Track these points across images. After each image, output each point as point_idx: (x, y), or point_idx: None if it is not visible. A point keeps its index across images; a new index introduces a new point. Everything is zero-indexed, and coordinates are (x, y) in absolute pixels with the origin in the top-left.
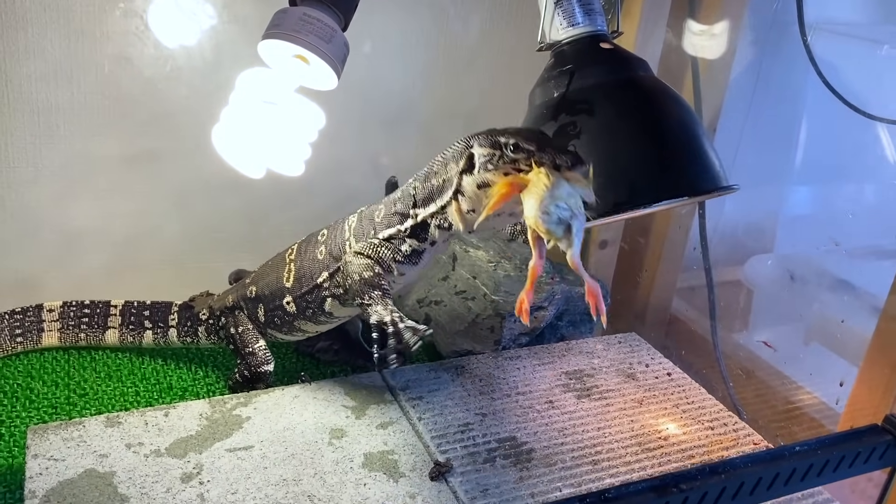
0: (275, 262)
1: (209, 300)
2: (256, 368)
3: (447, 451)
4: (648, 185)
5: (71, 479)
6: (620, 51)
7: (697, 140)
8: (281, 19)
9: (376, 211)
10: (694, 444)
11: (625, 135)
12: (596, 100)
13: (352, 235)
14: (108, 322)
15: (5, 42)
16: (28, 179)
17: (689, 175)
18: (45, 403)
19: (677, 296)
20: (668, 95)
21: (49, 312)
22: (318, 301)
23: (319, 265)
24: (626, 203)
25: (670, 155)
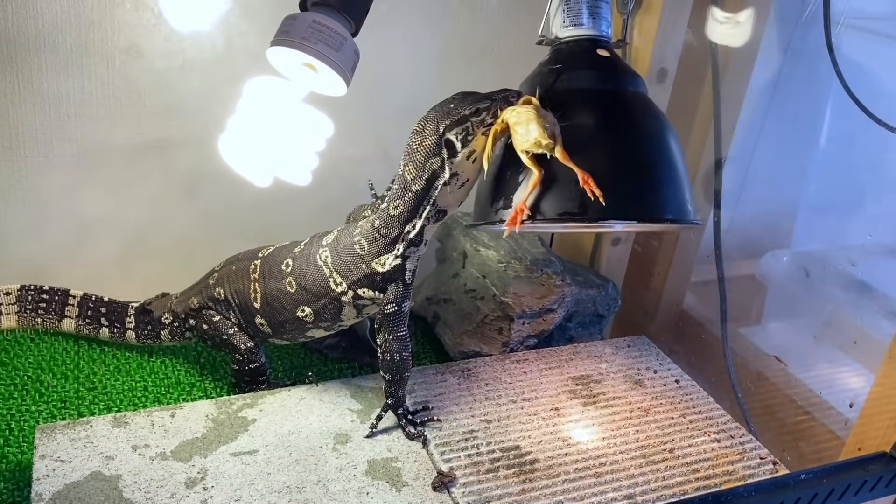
0: (239, 269)
1: (169, 302)
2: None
3: (451, 460)
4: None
5: (77, 482)
6: (616, 61)
7: (670, 166)
8: (290, 26)
9: (355, 245)
10: (699, 457)
11: (594, 145)
12: (573, 103)
13: (335, 272)
14: (65, 311)
15: (17, 33)
16: (40, 169)
17: (651, 199)
18: (54, 397)
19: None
20: (650, 116)
21: (6, 296)
22: (300, 329)
23: (292, 299)
24: (574, 214)
25: (636, 175)
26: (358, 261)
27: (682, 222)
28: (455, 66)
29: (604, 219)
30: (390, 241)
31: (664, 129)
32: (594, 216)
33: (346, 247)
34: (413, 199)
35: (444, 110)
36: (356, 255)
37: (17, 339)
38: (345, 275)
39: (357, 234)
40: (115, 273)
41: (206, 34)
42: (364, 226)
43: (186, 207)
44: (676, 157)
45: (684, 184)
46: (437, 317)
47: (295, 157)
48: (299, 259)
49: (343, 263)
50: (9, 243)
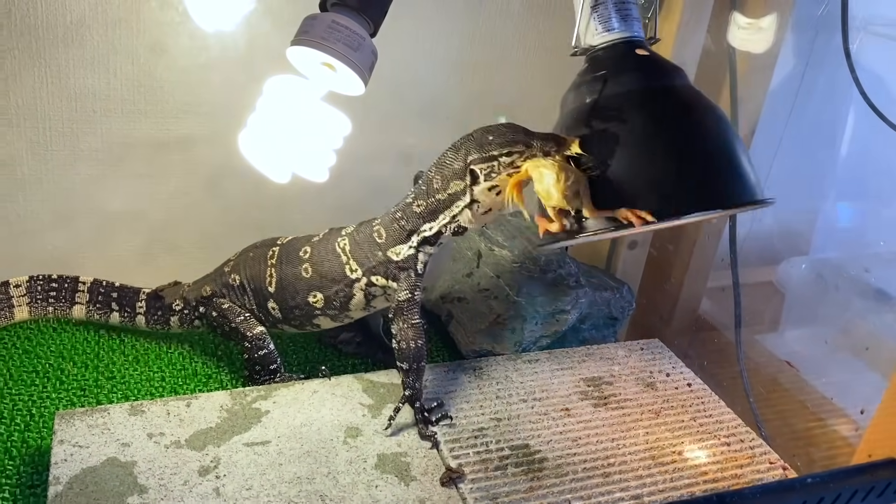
0: (256, 255)
1: (181, 290)
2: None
3: (460, 457)
4: (678, 195)
5: (93, 467)
6: (656, 58)
7: (732, 152)
8: (310, 26)
9: (373, 233)
10: (708, 460)
11: (657, 144)
12: (628, 108)
13: (352, 259)
14: (75, 298)
15: (46, 29)
16: (66, 163)
17: (721, 187)
18: (74, 385)
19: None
20: (703, 105)
21: (16, 288)
22: (308, 315)
23: (306, 284)
24: (654, 212)
25: (702, 166)
26: (375, 248)
27: (763, 203)
28: (476, 69)
29: (686, 213)
30: (406, 234)
31: (718, 115)
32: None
33: (364, 235)
34: (434, 204)
35: (482, 141)
36: (374, 242)
37: (39, 329)
38: (361, 262)
39: (377, 223)
40: (137, 265)
41: (230, 33)
42: (385, 217)
43: (207, 203)
44: (736, 141)
45: (748, 166)
46: (451, 315)
47: (313, 155)
48: (318, 246)
49: (360, 251)
50: (35, 235)
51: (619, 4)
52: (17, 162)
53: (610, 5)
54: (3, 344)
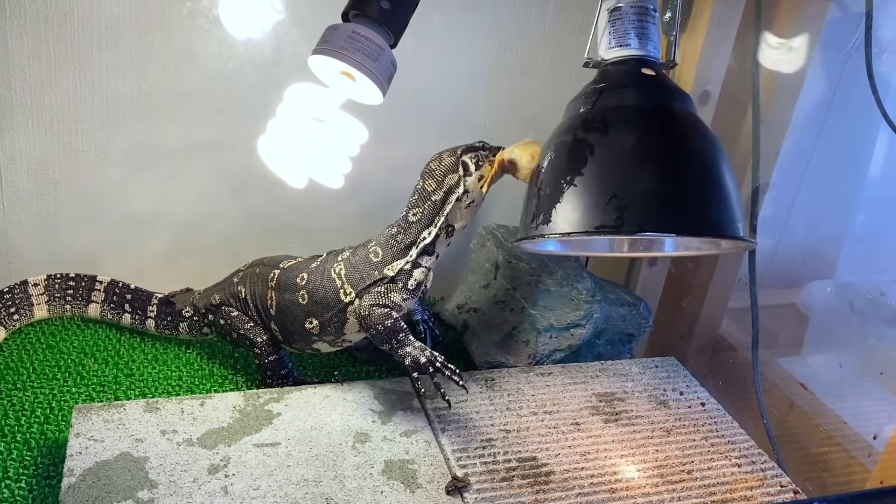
0: (261, 274)
1: (192, 297)
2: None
3: (466, 466)
4: (639, 214)
5: (107, 461)
6: (662, 79)
7: (720, 183)
8: (331, 35)
9: (369, 254)
10: (718, 480)
11: (631, 159)
12: (613, 120)
13: (346, 283)
14: (91, 296)
15: (81, 35)
16: (95, 164)
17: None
18: (94, 381)
19: (728, 317)
20: (698, 131)
21: (35, 287)
22: (307, 341)
23: (302, 310)
24: (610, 228)
25: (685, 190)
26: (370, 268)
27: (728, 237)
28: (499, 82)
29: (640, 232)
30: (404, 247)
31: (712, 145)
32: (630, 229)
33: (361, 258)
34: (431, 207)
35: (456, 147)
36: (370, 263)
37: (63, 325)
38: (354, 284)
39: (372, 244)
40: (160, 267)
41: (257, 41)
42: (380, 238)
43: (231, 207)
44: (725, 173)
45: (733, 201)
46: (466, 326)
47: (329, 162)
48: (315, 273)
49: (356, 273)
50: (64, 233)
51: (637, 23)
52: (50, 162)
53: (628, 22)
54: (27, 339)
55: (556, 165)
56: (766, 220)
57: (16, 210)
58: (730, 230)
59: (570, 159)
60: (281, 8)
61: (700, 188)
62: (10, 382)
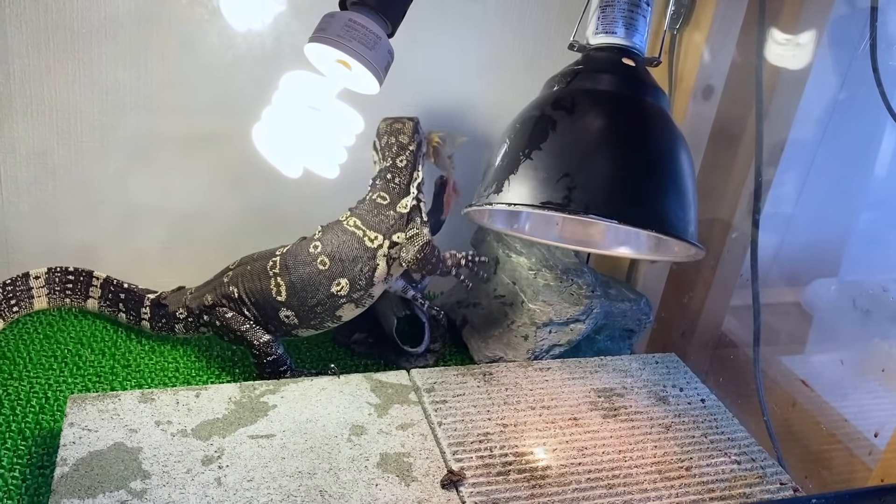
0: (255, 269)
1: (184, 297)
2: (256, 341)
3: (463, 460)
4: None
5: (100, 451)
6: (640, 72)
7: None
8: (327, 23)
9: (376, 198)
10: (717, 477)
11: (598, 144)
12: (583, 102)
13: (368, 230)
14: (89, 292)
15: (81, 24)
16: (94, 154)
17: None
18: (90, 371)
19: (731, 315)
20: (664, 129)
21: (35, 279)
22: (332, 308)
23: (326, 275)
24: (556, 205)
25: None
26: (385, 209)
27: (673, 236)
28: (500, 74)
29: (585, 213)
30: (405, 186)
31: (676, 144)
32: (576, 209)
33: (368, 206)
34: (412, 154)
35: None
36: (381, 206)
37: (60, 316)
38: (377, 228)
39: (371, 194)
40: (158, 259)
41: (257, 32)
42: (375, 185)
43: (230, 199)
44: (685, 174)
45: (688, 203)
46: (466, 321)
47: (325, 151)
48: (327, 237)
49: (374, 218)
50: (63, 224)
51: (627, 13)
52: (49, 152)
53: (618, 11)
54: (25, 329)
55: (518, 138)
56: (769, 217)
57: (15, 200)
58: (677, 230)
59: (532, 134)
60: None
61: (655, 183)
62: (5, 372)
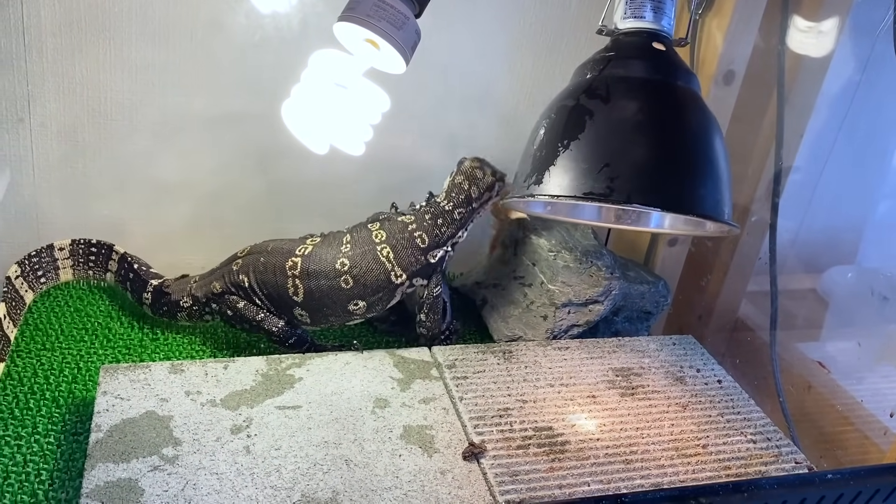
0: (270, 263)
1: (188, 286)
2: (274, 328)
3: (483, 433)
4: (639, 185)
5: (133, 419)
6: (671, 55)
7: (713, 165)
8: (356, 3)
9: (415, 238)
10: (733, 455)
11: (634, 130)
12: (618, 90)
13: (396, 266)
14: (108, 265)
15: (112, 4)
16: (123, 133)
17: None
18: (120, 343)
19: (747, 300)
20: (697, 112)
21: (60, 251)
22: (344, 319)
23: (346, 294)
24: (598, 195)
25: (676, 166)
26: (418, 253)
27: (713, 219)
28: (523, 58)
29: (628, 202)
30: (445, 239)
31: (710, 127)
32: (618, 199)
33: (406, 243)
34: (469, 213)
35: (492, 166)
36: (417, 248)
37: (90, 289)
38: (405, 267)
39: (412, 226)
40: (184, 236)
41: (284, 13)
42: (419, 221)
43: (255, 179)
44: (719, 156)
45: (723, 185)
46: (485, 300)
47: (351, 129)
48: (356, 258)
49: (405, 256)
50: (91, 200)
51: None
52: (79, 129)
53: None
54: (56, 301)
55: (555, 128)
56: (789, 203)
57: (45, 176)
58: (716, 212)
59: (569, 124)
60: None
61: (692, 168)
62: (39, 343)
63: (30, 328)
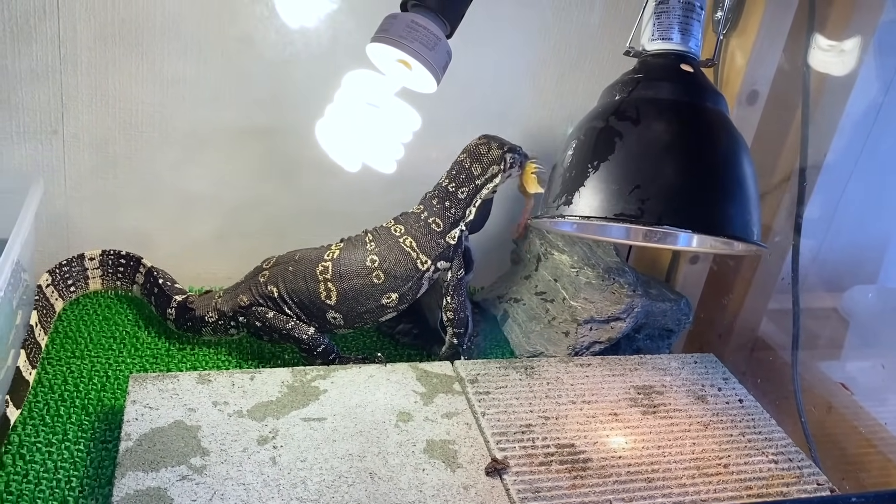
0: (299, 271)
1: (213, 301)
2: (304, 335)
3: (506, 449)
4: (660, 206)
5: (161, 428)
6: (699, 77)
7: (742, 186)
8: (390, 24)
9: (431, 224)
10: (754, 475)
11: (663, 151)
12: (647, 112)
13: (421, 254)
14: (135, 277)
15: (145, 20)
16: (154, 144)
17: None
18: (147, 353)
19: (768, 318)
20: (726, 133)
21: (91, 261)
22: (377, 315)
23: (379, 289)
24: (630, 217)
25: (705, 187)
26: (437, 237)
27: (742, 240)
28: (546, 76)
29: (659, 224)
30: (457, 220)
31: (739, 148)
32: (649, 220)
33: (422, 229)
34: (474, 189)
35: (501, 140)
36: (434, 233)
37: (118, 299)
38: (428, 253)
39: (426, 215)
40: (211, 247)
41: (314, 30)
42: (429, 208)
43: (281, 191)
44: (748, 177)
45: (752, 205)
46: (507, 315)
47: (383, 147)
48: (384, 252)
49: (427, 243)
50: (121, 211)
51: (683, 18)
52: (110, 141)
53: (673, 16)
54: (86, 310)
55: (584, 149)
56: (811, 222)
57: (77, 186)
58: (745, 233)
59: (599, 145)
60: None
61: (722, 189)
62: (69, 351)
63: (59, 336)
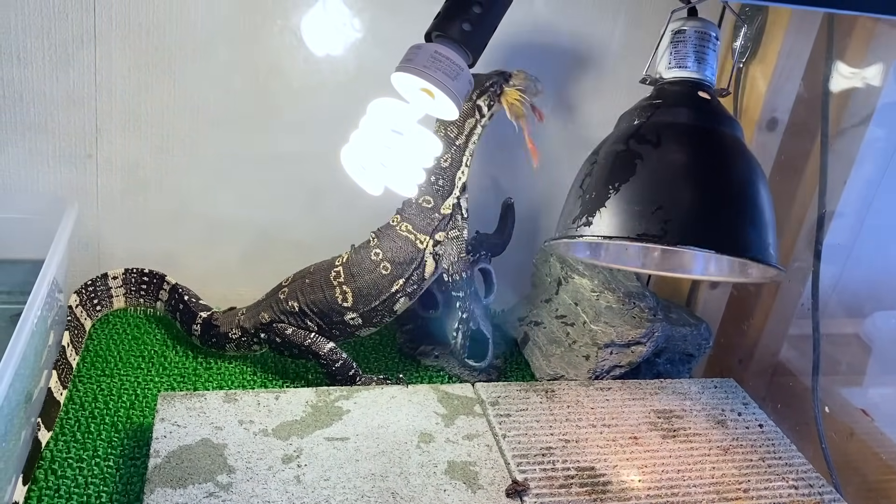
0: (315, 281)
1: (237, 318)
2: (321, 351)
3: (526, 471)
4: (688, 227)
5: (189, 445)
6: (715, 104)
7: (757, 208)
8: (414, 54)
9: (422, 202)
10: (774, 500)
11: (681, 176)
12: (667, 135)
13: (418, 234)
14: (159, 294)
15: (178, 47)
16: (183, 168)
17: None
18: (175, 372)
19: (788, 343)
20: (742, 158)
21: (114, 279)
22: (390, 305)
23: (387, 279)
24: (652, 237)
25: (722, 209)
26: (430, 212)
27: (763, 262)
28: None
29: (683, 244)
30: (448, 188)
31: (755, 173)
32: (672, 240)
33: (415, 210)
34: (458, 151)
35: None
36: (426, 210)
37: (146, 318)
38: (424, 230)
39: (417, 197)
40: (237, 269)
41: (340, 58)
42: (420, 190)
43: (305, 215)
44: (764, 201)
45: (769, 229)
46: (527, 338)
47: (405, 172)
48: (385, 244)
49: (421, 221)
50: (150, 233)
51: (698, 47)
52: (142, 165)
53: (689, 45)
54: (115, 329)
55: (604, 171)
56: (831, 248)
57: (108, 208)
58: (763, 255)
59: (619, 167)
60: (360, 28)
61: (740, 211)
62: (98, 369)
63: (90, 354)
